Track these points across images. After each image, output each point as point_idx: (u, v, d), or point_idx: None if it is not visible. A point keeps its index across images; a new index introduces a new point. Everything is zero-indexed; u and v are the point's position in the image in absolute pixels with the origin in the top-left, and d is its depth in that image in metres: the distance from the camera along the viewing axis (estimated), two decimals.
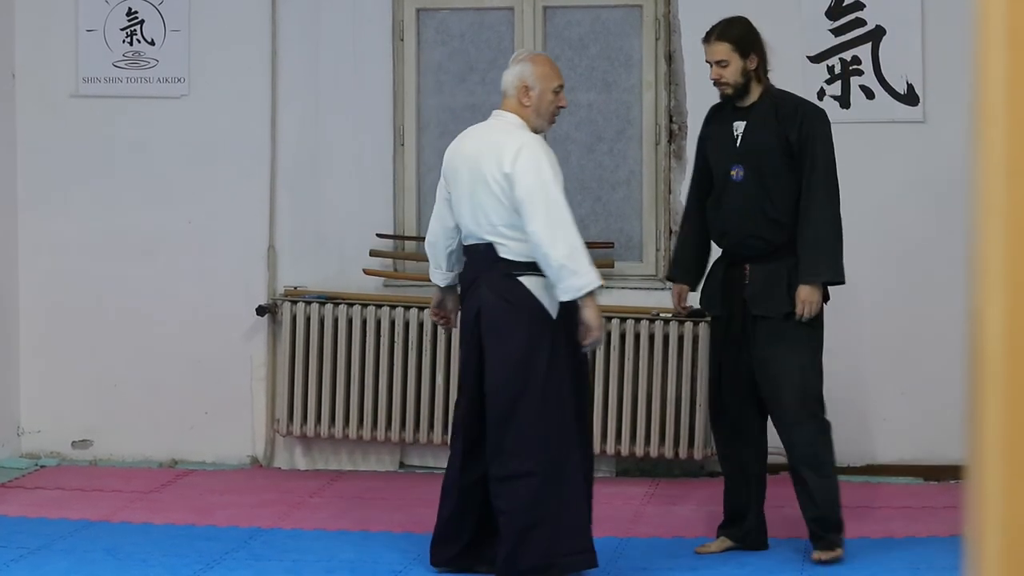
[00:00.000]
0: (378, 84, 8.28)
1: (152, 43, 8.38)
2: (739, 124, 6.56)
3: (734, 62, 6.50)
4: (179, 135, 8.38)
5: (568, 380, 6.06)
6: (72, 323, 8.47)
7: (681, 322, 7.90)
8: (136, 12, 8.39)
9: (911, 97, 7.90)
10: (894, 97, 7.91)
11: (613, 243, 8.12)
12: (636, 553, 6.61)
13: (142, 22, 8.38)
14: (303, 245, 8.37)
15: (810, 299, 6.39)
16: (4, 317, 8.44)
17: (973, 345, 1.80)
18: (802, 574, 6.34)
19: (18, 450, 8.56)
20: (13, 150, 8.45)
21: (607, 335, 7.89)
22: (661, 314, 7.95)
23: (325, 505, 7.56)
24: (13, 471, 8.29)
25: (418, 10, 8.29)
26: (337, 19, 8.26)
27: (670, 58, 8.08)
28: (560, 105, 6.21)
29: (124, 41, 8.40)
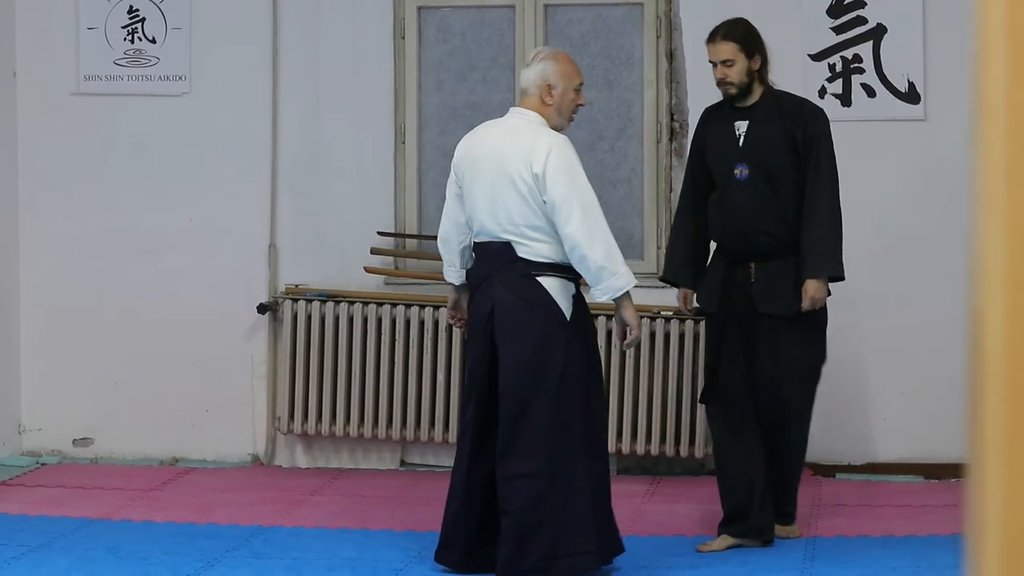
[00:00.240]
0: (379, 82, 8.28)
1: (153, 41, 8.38)
2: (741, 124, 6.62)
3: (739, 62, 6.57)
4: (180, 133, 8.38)
5: (580, 382, 6.06)
6: (73, 321, 8.47)
7: (682, 320, 7.90)
8: (137, 10, 8.39)
9: (912, 95, 7.90)
10: (895, 95, 7.91)
11: None
12: (637, 551, 6.60)
13: (143, 20, 8.38)
14: (304, 243, 8.37)
15: (818, 293, 6.50)
16: (5, 315, 8.44)
17: (973, 343, 1.80)
18: (803, 572, 6.34)
19: (19, 448, 8.56)
20: (14, 148, 8.45)
21: (608, 333, 7.89)
22: (662, 312, 7.95)
23: (326, 503, 7.56)
24: (14, 469, 8.29)
25: (419, 8, 8.29)
26: (338, 17, 8.27)
27: (671, 56, 8.08)
28: (580, 103, 6.22)
29: (125, 39, 8.40)
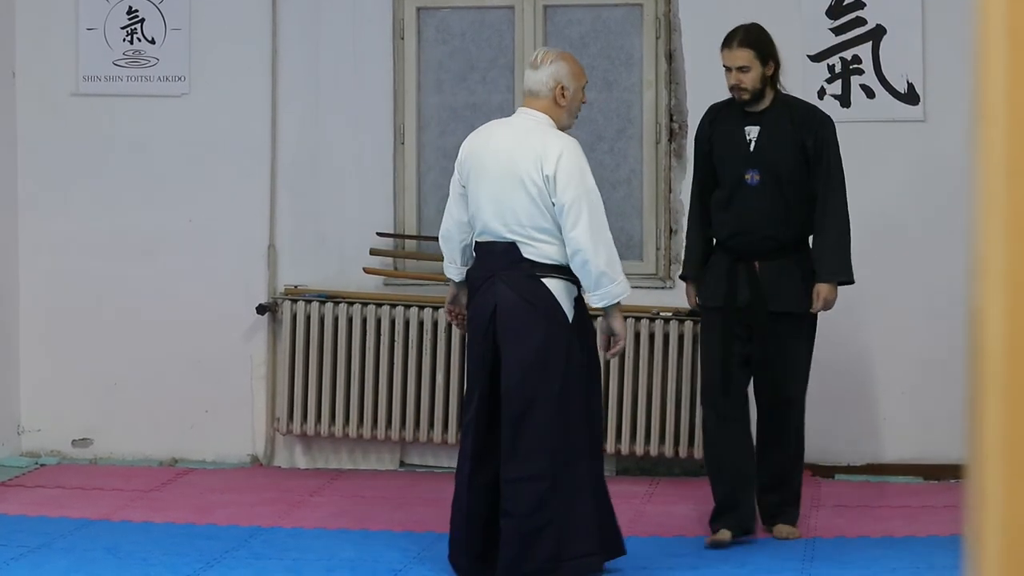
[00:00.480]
0: (378, 83, 8.28)
1: (152, 42, 8.38)
2: (751, 129, 6.74)
3: (755, 68, 6.66)
4: (179, 134, 8.38)
5: (581, 383, 6.06)
6: (72, 321, 8.47)
7: (681, 321, 7.91)
8: (136, 11, 8.38)
9: (911, 96, 7.90)
10: (894, 96, 7.91)
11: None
12: (637, 552, 6.60)
13: (142, 21, 8.38)
14: (303, 244, 8.37)
15: (831, 296, 6.71)
16: (4, 315, 8.44)
17: (973, 344, 1.80)
18: (802, 573, 6.34)
19: (18, 449, 8.56)
20: (13, 149, 8.45)
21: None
22: (662, 313, 7.95)
23: (325, 504, 7.56)
24: (13, 470, 8.29)
25: (418, 9, 8.29)
26: (337, 18, 8.26)
27: (671, 57, 8.08)
28: (583, 101, 6.26)
29: (124, 40, 8.40)
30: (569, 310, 6.03)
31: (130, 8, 8.39)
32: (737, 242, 6.74)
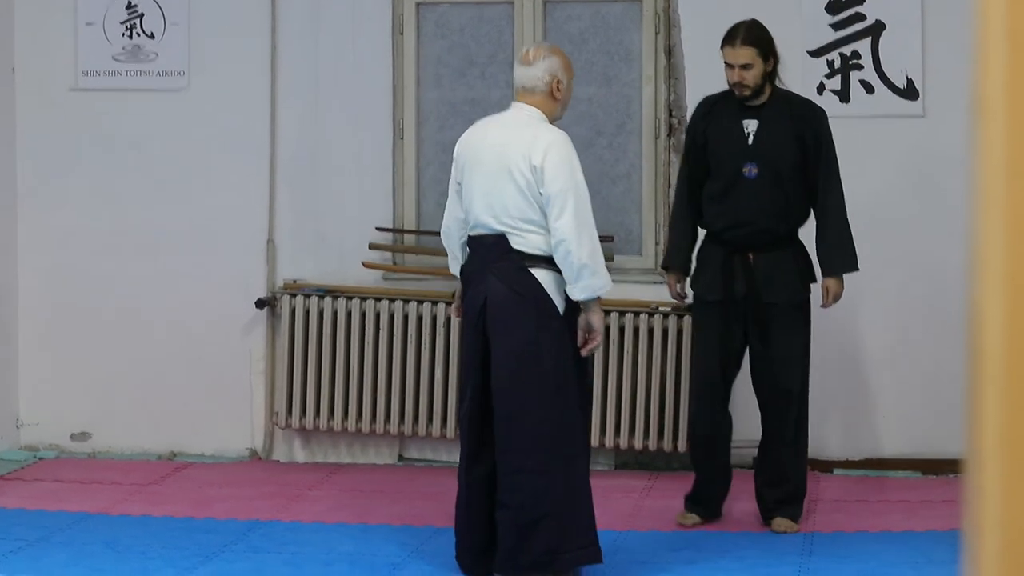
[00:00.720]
0: (378, 78, 8.28)
1: (152, 36, 8.38)
2: (750, 123, 6.79)
3: (757, 65, 6.74)
4: (179, 129, 8.38)
5: (573, 375, 6.06)
6: (71, 316, 8.47)
7: (680, 316, 7.91)
8: (136, 5, 8.39)
9: (911, 92, 7.90)
10: (894, 92, 7.91)
11: (613, 237, 8.12)
12: (635, 546, 6.61)
13: (142, 15, 8.38)
14: (302, 238, 8.37)
15: (838, 290, 6.83)
16: (3, 309, 8.44)
17: (972, 340, 1.80)
18: (800, 567, 6.35)
19: (17, 442, 8.56)
20: (12, 144, 8.45)
21: (606, 328, 7.91)
22: (660, 308, 7.96)
23: (324, 498, 7.56)
24: (12, 463, 8.30)
25: (418, 4, 8.29)
26: (337, 13, 8.26)
27: (670, 52, 8.08)
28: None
29: (124, 34, 8.40)
30: (560, 302, 6.01)
31: (129, 3, 8.39)
32: (733, 235, 6.78)
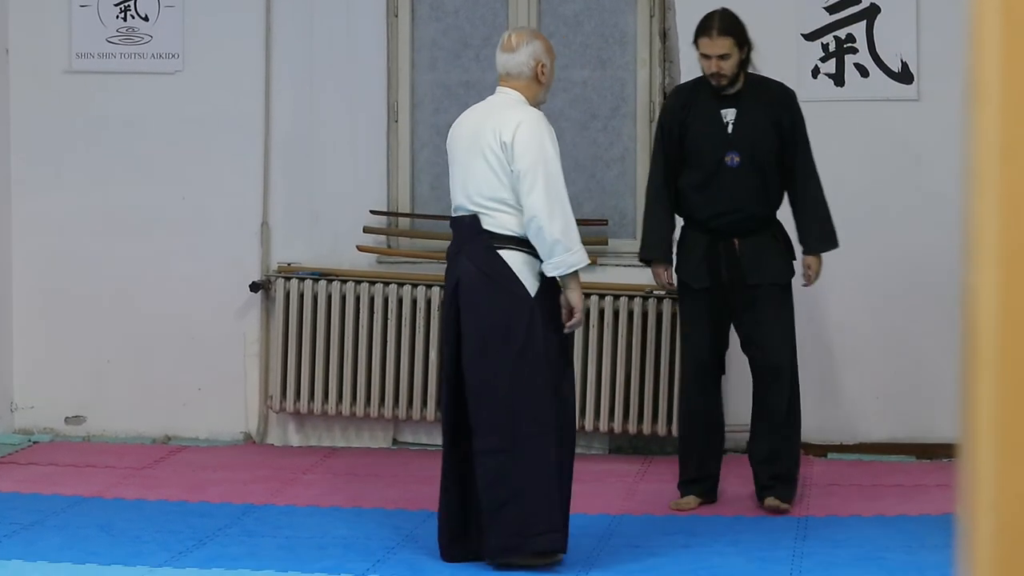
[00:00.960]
0: (372, 61, 8.26)
1: (146, 19, 8.36)
2: (728, 111, 6.85)
3: (734, 55, 6.79)
4: (173, 111, 8.37)
5: (544, 358, 6.01)
6: (65, 299, 8.46)
7: (674, 300, 7.91)
8: None
9: (905, 75, 7.89)
10: (888, 75, 7.90)
11: (607, 220, 8.12)
12: (629, 530, 6.62)
13: None
14: (297, 221, 8.36)
15: (818, 268, 6.92)
16: None
17: (967, 323, 1.80)
18: (794, 551, 6.35)
19: (11, 426, 8.56)
20: (6, 126, 8.43)
21: (600, 312, 7.91)
22: (654, 292, 7.95)
23: (318, 482, 7.56)
24: (6, 447, 8.29)
25: None
26: None
27: (664, 36, 8.07)
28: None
29: (118, 17, 8.38)
30: (531, 284, 5.98)
31: None
32: (719, 222, 6.83)
